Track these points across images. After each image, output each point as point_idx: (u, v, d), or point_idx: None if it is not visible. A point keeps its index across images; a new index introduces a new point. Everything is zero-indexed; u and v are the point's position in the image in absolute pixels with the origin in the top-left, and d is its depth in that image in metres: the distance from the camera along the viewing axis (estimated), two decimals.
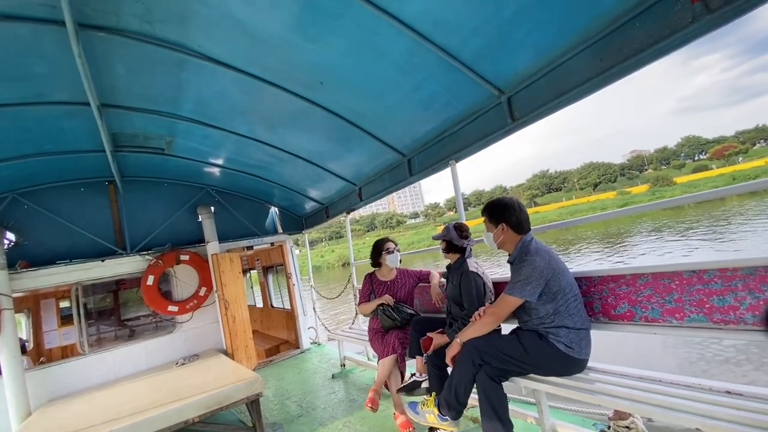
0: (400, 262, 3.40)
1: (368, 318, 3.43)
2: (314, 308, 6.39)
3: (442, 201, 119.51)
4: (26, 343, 6.10)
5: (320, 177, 4.83)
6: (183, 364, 4.47)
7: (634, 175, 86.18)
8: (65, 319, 6.60)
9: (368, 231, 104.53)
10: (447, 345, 2.50)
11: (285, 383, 4.59)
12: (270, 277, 8.05)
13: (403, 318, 3.12)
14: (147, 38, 2.53)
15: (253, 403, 3.12)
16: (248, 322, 5.18)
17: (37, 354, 6.01)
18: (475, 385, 2.12)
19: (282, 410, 3.74)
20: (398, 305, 3.17)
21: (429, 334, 2.65)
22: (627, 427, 2.16)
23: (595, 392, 1.90)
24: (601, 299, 2.22)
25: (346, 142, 3.87)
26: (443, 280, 3.16)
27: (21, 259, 4.38)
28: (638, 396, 1.75)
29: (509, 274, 2.23)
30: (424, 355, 2.62)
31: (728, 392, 1.62)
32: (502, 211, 2.20)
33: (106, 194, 5.05)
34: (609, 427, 2.32)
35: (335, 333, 4.57)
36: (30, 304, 6.29)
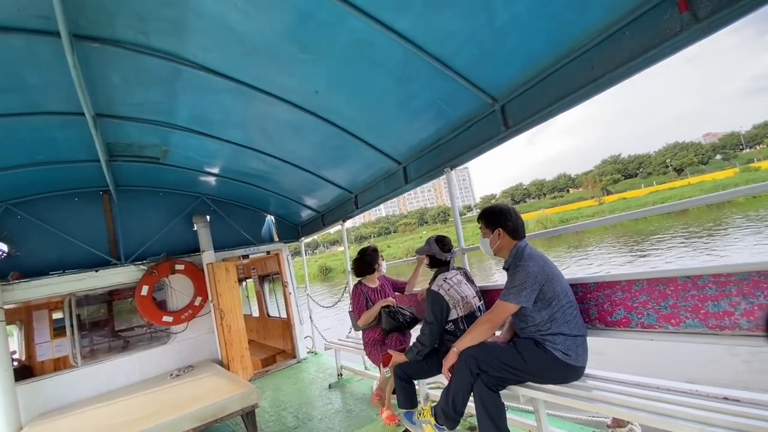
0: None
1: (360, 330, 3.40)
2: (310, 317, 6.33)
3: (498, 191, 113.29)
4: (15, 356, 5.99)
5: (316, 185, 4.83)
6: (177, 375, 4.41)
7: (731, 155, 69.89)
8: (58, 330, 6.50)
9: (420, 225, 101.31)
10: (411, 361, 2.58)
11: (281, 394, 4.53)
12: (266, 286, 8.00)
13: (405, 320, 3.12)
14: (142, 49, 2.54)
15: (249, 415, 3.08)
16: (244, 332, 5.13)
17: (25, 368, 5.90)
18: (472, 395, 2.10)
19: (278, 421, 3.68)
20: (399, 309, 3.17)
21: (389, 351, 2.76)
22: None
23: (592, 399, 1.88)
24: (597, 306, 2.22)
25: (341, 151, 3.88)
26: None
27: (13, 270, 4.33)
28: (636, 403, 1.74)
29: (502, 282, 2.23)
30: (385, 369, 2.70)
31: (726, 398, 1.62)
32: (499, 216, 2.21)
33: (101, 204, 5.02)
34: None
35: (332, 342, 4.54)
36: (22, 315, 6.19)
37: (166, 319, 4.95)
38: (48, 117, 3.12)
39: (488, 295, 2.81)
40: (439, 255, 2.68)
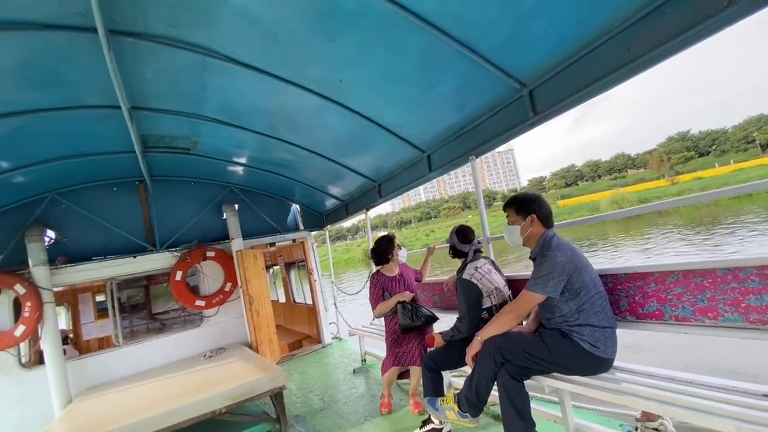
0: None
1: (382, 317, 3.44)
2: (335, 304, 6.46)
3: (547, 173, 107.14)
4: (68, 335, 6.47)
5: (340, 174, 4.87)
6: (210, 356, 4.63)
7: None
8: (101, 312, 6.95)
9: (464, 209, 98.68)
10: (444, 348, 2.63)
11: (307, 377, 4.68)
12: (292, 273, 8.20)
13: (421, 321, 3.08)
14: (172, 42, 2.61)
15: (277, 396, 3.21)
16: (272, 317, 5.31)
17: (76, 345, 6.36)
18: (496, 383, 2.10)
19: (305, 403, 3.82)
20: (417, 306, 3.12)
21: (432, 334, 2.80)
22: (656, 429, 2.10)
23: (621, 392, 1.84)
24: (628, 297, 2.15)
25: (364, 139, 3.89)
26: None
27: (60, 255, 4.64)
28: (668, 397, 1.69)
29: (529, 272, 2.20)
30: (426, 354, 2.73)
31: (765, 395, 1.55)
32: (532, 203, 2.17)
33: (137, 193, 5.26)
34: (636, 429, 2.25)
35: (356, 329, 4.62)
36: (69, 298, 6.65)
37: (199, 303, 5.19)
38: (88, 111, 3.28)
39: (514, 285, 2.78)
40: (458, 246, 2.70)
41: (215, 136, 4.18)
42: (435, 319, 3.15)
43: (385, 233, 3.56)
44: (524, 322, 2.49)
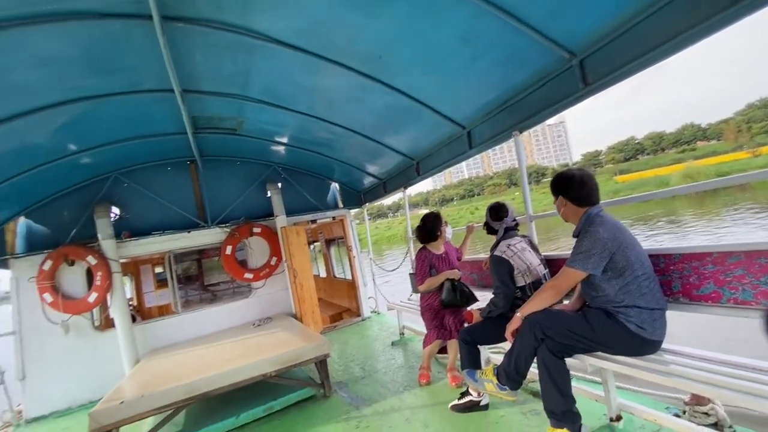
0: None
1: (419, 293, 3.53)
2: (373, 279, 6.64)
3: (604, 147, 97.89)
4: (130, 302, 7.15)
5: (378, 152, 4.90)
6: (259, 325, 4.96)
7: None
8: (160, 282, 7.60)
9: (510, 186, 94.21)
10: (482, 324, 2.68)
11: (348, 347, 4.91)
12: (332, 250, 8.47)
13: (463, 298, 3.16)
14: (219, 25, 2.70)
15: (321, 363, 3.41)
16: (314, 290, 5.56)
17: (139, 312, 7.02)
18: (535, 359, 2.12)
19: (346, 371, 4.03)
20: (463, 284, 3.20)
21: (471, 310, 2.86)
22: (705, 413, 2.04)
23: (669, 374, 1.80)
24: (682, 278, 2.06)
25: (403, 116, 3.86)
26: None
27: (124, 230, 5.08)
28: (721, 381, 1.63)
29: (569, 251, 2.15)
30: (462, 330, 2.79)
31: None
32: (560, 184, 2.15)
33: (188, 172, 5.59)
34: (684, 412, 2.20)
35: (394, 304, 4.74)
36: (132, 269, 7.31)
37: (247, 276, 5.53)
38: (144, 95, 3.50)
39: (554, 264, 2.73)
40: (491, 223, 2.73)
41: (259, 117, 4.33)
42: (476, 299, 3.20)
43: (431, 211, 3.59)
44: (564, 301, 2.47)
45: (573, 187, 2.09)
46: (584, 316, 2.05)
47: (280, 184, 5.79)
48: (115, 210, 5.12)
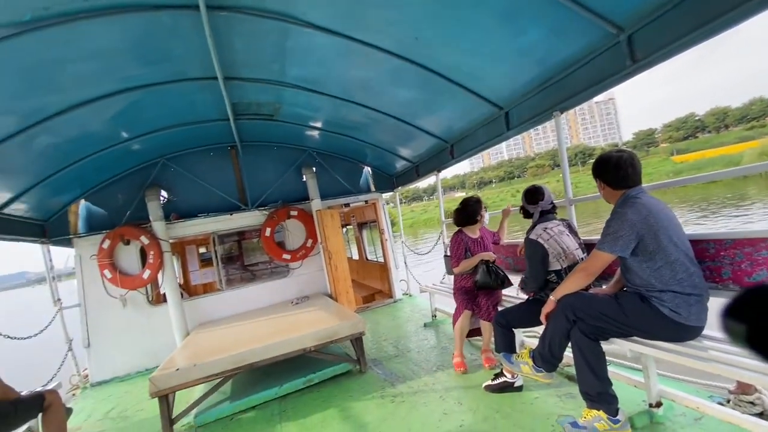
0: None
1: (453, 276, 3.55)
2: (405, 262, 6.72)
3: (659, 125, 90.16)
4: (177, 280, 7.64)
5: (411, 135, 4.89)
6: (297, 303, 5.20)
7: None
8: (203, 262, 8.05)
9: (554, 168, 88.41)
10: (517, 307, 2.71)
11: (381, 327, 5.05)
12: (364, 233, 8.61)
13: (497, 280, 3.16)
14: (258, 12, 2.76)
15: (357, 340, 3.55)
16: (348, 272, 5.73)
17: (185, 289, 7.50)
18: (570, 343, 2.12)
19: (380, 349, 4.16)
20: (497, 267, 3.21)
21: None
22: (751, 402, 1.98)
23: (712, 360, 1.75)
24: (733, 264, 1.97)
25: (438, 98, 3.82)
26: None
27: (172, 212, 5.41)
28: None
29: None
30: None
31: None
32: (599, 167, 2.13)
33: (229, 157, 5.83)
34: (728, 401, 2.14)
35: (427, 286, 4.80)
36: (178, 249, 7.77)
37: (285, 256, 5.79)
38: (189, 83, 3.66)
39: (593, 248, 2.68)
40: (526, 206, 2.72)
41: (295, 102, 4.42)
42: (510, 283, 3.19)
43: (471, 195, 3.58)
44: (603, 286, 2.43)
45: (608, 170, 2.07)
46: (616, 299, 2.04)
47: (314, 169, 5.93)
48: (164, 193, 5.46)
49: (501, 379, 2.72)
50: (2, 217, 4.01)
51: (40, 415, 2.71)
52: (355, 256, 9.43)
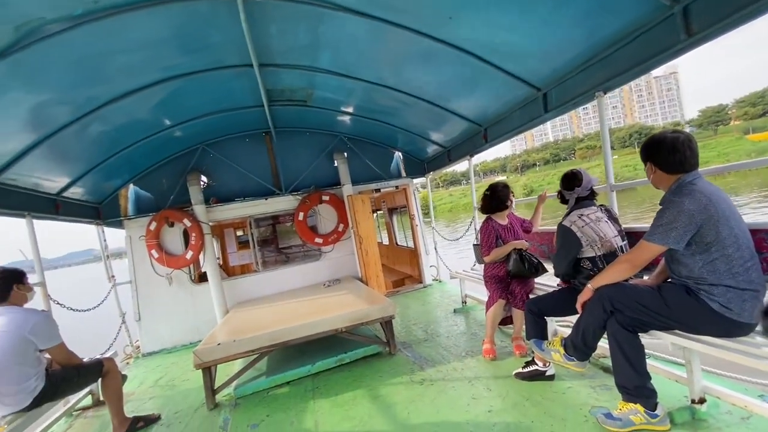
0: None
1: (483, 264, 3.50)
2: (435, 248, 6.70)
3: (730, 100, 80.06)
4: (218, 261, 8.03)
5: (443, 119, 4.79)
6: (329, 285, 5.34)
7: None
8: (241, 244, 8.40)
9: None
10: (551, 294, 2.67)
11: (410, 311, 5.10)
12: (394, 218, 8.63)
13: (531, 268, 3.10)
14: None
15: (387, 323, 3.61)
16: (378, 256, 5.80)
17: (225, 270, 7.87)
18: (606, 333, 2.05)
19: (409, 333, 4.22)
20: (530, 255, 3.14)
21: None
22: None
23: (763, 357, 1.64)
24: None
25: (472, 80, 3.71)
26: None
27: (212, 196, 5.66)
28: None
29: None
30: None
31: None
32: (650, 149, 1.95)
33: (264, 143, 5.99)
34: None
35: (457, 272, 4.78)
36: (217, 232, 8.14)
37: (318, 240, 5.94)
38: (226, 71, 3.75)
39: (634, 236, 2.55)
40: (563, 192, 2.63)
41: (327, 87, 4.44)
42: (545, 270, 3.11)
43: (498, 181, 3.50)
44: (645, 276, 2.32)
45: (662, 152, 1.89)
46: (659, 291, 1.93)
47: (345, 154, 5.97)
48: (204, 178, 5.71)
49: (532, 367, 2.69)
50: (63, 200, 4.36)
51: (99, 380, 2.99)
52: (386, 241, 9.50)
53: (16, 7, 2.14)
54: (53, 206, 4.20)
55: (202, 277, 5.83)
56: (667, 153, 1.87)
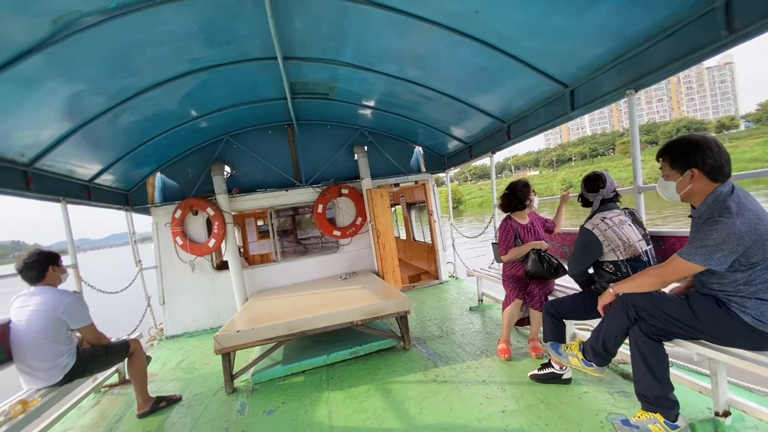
0: None
1: (502, 263, 3.46)
2: (453, 245, 6.65)
3: None
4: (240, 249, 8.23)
5: (465, 114, 4.72)
6: (346, 278, 5.39)
7: None
8: (261, 234, 8.58)
9: (651, 144, 76.45)
10: (570, 297, 2.60)
11: (426, 307, 5.10)
12: (413, 213, 8.61)
13: (550, 269, 3.05)
14: None
15: (402, 318, 3.62)
16: (395, 251, 5.81)
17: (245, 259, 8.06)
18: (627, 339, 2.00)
19: (424, 329, 4.22)
20: (550, 255, 3.08)
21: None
22: None
23: None
24: None
25: (497, 75, 3.63)
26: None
27: (235, 186, 5.79)
28: None
29: (680, 229, 1.90)
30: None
31: None
32: (692, 152, 1.72)
33: (285, 135, 6.06)
34: None
35: (474, 270, 4.74)
36: (239, 221, 8.33)
37: (336, 233, 6.00)
38: (251, 63, 3.80)
39: (662, 242, 2.46)
40: (585, 194, 2.56)
41: (349, 81, 4.44)
42: (565, 271, 3.04)
43: (518, 179, 3.43)
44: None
45: (710, 155, 1.67)
46: (687, 302, 1.84)
47: (366, 148, 5.98)
48: (227, 169, 5.84)
49: (548, 370, 2.66)
50: (95, 187, 4.55)
51: (126, 359, 3.13)
52: (403, 236, 9.50)
53: (54, 1, 2.22)
54: (86, 192, 4.39)
55: (222, 265, 5.99)
56: (716, 154, 1.67)
